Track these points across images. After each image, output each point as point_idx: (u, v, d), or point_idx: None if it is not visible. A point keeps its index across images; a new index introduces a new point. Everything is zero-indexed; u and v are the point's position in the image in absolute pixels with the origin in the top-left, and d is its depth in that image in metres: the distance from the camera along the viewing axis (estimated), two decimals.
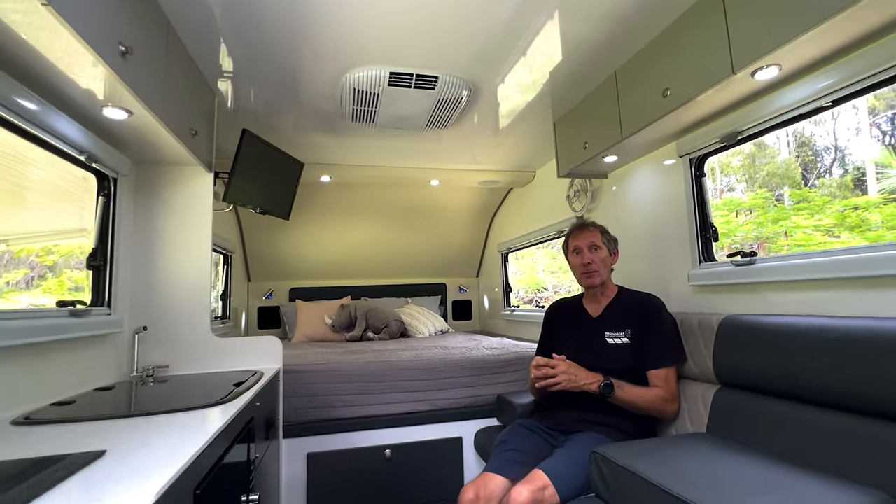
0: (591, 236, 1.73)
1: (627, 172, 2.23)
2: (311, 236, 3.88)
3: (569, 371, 1.54)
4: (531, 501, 1.26)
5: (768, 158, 6.08)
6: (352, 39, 1.63)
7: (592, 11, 1.51)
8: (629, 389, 1.53)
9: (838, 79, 1.25)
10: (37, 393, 1.22)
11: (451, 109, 2.07)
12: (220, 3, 1.43)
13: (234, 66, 1.81)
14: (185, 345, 1.80)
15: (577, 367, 1.57)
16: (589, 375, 1.54)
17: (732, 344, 1.43)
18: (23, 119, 1.18)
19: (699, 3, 1.42)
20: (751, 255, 1.58)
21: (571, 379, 1.54)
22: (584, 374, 1.55)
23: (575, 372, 1.55)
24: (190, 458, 0.76)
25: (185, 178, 1.88)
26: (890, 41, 1.14)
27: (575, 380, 1.54)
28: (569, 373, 1.54)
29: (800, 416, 1.20)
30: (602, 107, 1.95)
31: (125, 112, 1.33)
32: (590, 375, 1.54)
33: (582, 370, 1.56)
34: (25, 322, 1.16)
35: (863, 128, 5.13)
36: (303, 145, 2.62)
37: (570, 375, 1.54)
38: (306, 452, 1.92)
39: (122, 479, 0.67)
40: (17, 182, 1.48)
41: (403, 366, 2.14)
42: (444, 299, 4.47)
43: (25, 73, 1.11)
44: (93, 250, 1.59)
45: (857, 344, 1.09)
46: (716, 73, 1.36)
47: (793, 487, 0.98)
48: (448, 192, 3.73)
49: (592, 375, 1.54)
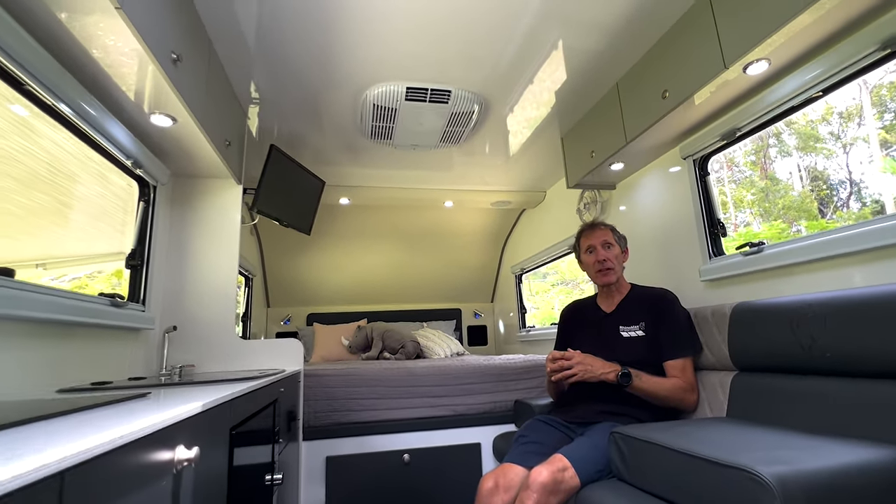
0: (602, 234, 1.79)
1: (635, 181, 2.32)
2: (328, 261, 3.99)
3: (584, 361, 1.56)
4: (551, 481, 1.26)
5: (783, 192, 6.12)
6: (371, 59, 1.80)
7: (592, 25, 1.65)
8: (647, 378, 1.53)
9: (825, 68, 1.34)
10: (79, 372, 1.30)
11: (463, 123, 2.20)
12: (254, 31, 1.62)
13: (261, 91, 1.99)
14: (211, 345, 1.87)
15: (593, 357, 1.58)
16: (606, 365, 1.55)
17: (746, 328, 1.45)
18: (86, 122, 1.33)
19: (691, 9, 1.55)
20: (759, 244, 1.62)
21: (587, 369, 1.54)
22: (600, 364, 1.56)
23: (591, 362, 1.56)
24: (227, 397, 0.82)
25: (217, 189, 2.02)
26: (866, 32, 1.24)
27: (591, 370, 1.54)
28: (584, 363, 1.55)
29: (816, 388, 1.21)
30: (606, 116, 2.07)
31: (170, 119, 1.48)
32: (606, 365, 1.55)
33: (598, 360, 1.57)
34: (75, 302, 1.25)
35: (876, 160, 5.18)
36: (323, 169, 2.78)
37: (586, 366, 1.55)
38: (325, 455, 1.93)
39: (168, 405, 0.74)
40: (61, 199, 1.62)
41: (421, 371, 2.17)
42: (459, 324, 4.48)
43: (90, 79, 1.26)
44: (132, 251, 1.70)
45: (865, 309, 1.11)
46: (709, 69, 1.47)
47: (811, 447, 0.99)
48: (462, 214, 3.85)
49: (609, 365, 1.55)
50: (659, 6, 1.57)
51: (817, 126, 5.58)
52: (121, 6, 0.99)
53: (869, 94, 4.98)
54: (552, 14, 1.59)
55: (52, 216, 1.52)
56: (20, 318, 1.05)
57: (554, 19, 1.62)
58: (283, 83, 1.94)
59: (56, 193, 1.52)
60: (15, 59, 1.04)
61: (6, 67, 1.04)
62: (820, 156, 5.61)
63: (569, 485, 1.28)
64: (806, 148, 5.77)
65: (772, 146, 6.41)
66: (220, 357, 1.87)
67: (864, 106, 5.11)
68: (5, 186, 1.30)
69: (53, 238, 1.54)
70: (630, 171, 2.28)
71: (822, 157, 5.64)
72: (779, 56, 1.38)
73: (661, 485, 1.11)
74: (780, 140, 6.09)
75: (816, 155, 5.64)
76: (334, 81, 1.95)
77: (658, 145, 1.99)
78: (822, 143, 5.47)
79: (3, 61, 1.02)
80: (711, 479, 0.94)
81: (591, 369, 1.55)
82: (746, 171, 6.46)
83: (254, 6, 1.52)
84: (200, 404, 0.67)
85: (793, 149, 6.01)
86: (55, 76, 1.16)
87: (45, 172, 1.46)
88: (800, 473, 0.85)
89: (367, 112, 2.10)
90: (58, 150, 1.44)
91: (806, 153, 5.76)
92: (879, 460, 0.89)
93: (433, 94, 1.97)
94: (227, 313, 1.94)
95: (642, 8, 1.57)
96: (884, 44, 1.20)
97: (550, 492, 1.25)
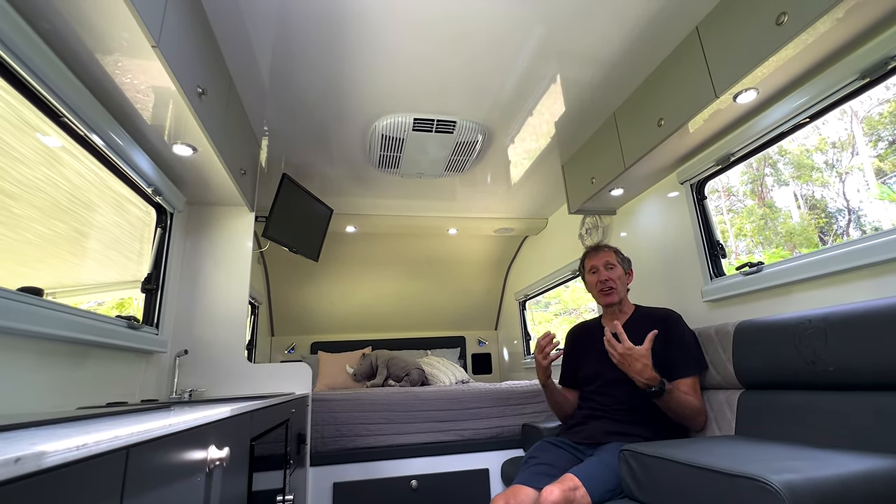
0: (605, 256, 1.83)
1: (635, 206, 2.39)
2: (333, 289, 4.03)
3: (630, 353, 1.47)
4: (563, 500, 1.26)
5: (782, 219, 6.20)
6: (379, 92, 1.90)
7: (589, 58, 1.76)
8: (678, 395, 1.49)
9: (810, 96, 1.42)
10: (92, 393, 1.32)
11: (467, 153, 2.29)
12: (268, 67, 1.73)
13: (273, 123, 2.09)
14: (221, 369, 1.89)
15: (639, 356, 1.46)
16: (646, 369, 1.46)
17: (750, 346, 1.48)
18: (113, 152, 1.40)
19: (682, 42, 1.66)
20: (758, 264, 1.66)
21: (627, 357, 1.47)
22: (641, 365, 1.46)
23: (632, 362, 1.47)
24: (249, 406, 0.85)
25: (230, 217, 2.09)
26: (846, 62, 1.32)
27: (631, 361, 1.47)
28: (627, 355, 1.47)
29: (822, 402, 1.22)
30: (605, 143, 2.16)
31: (191, 149, 1.56)
32: (647, 369, 1.46)
33: (642, 362, 1.46)
34: (93, 322, 1.29)
35: (871, 188, 5.29)
36: (331, 198, 2.86)
37: (627, 358, 1.47)
38: (332, 482, 1.91)
39: (195, 411, 0.77)
40: (78, 228, 1.68)
41: (428, 396, 2.17)
42: (464, 352, 4.47)
43: (119, 110, 1.35)
44: (148, 275, 1.75)
45: (863, 323, 1.15)
46: (701, 98, 1.56)
47: (819, 457, 1.00)
48: (465, 242, 3.91)
49: (651, 373, 1.46)
50: (652, 40, 1.67)
51: (812, 155, 5.72)
52: (157, 45, 1.08)
53: (860, 124, 5.14)
54: (551, 48, 1.70)
55: (68, 245, 1.58)
56: (42, 336, 1.09)
57: (553, 53, 1.72)
58: (294, 116, 2.05)
59: (74, 223, 1.58)
60: (55, 92, 1.12)
61: (46, 100, 1.12)
62: (817, 185, 5.72)
63: (581, 503, 1.28)
64: (802, 177, 5.89)
65: (768, 175, 6.55)
66: (230, 381, 1.89)
67: (857, 136, 5.26)
68: (27, 216, 1.36)
69: (67, 267, 1.58)
70: (629, 196, 2.35)
71: (818, 187, 5.75)
72: (766, 85, 1.46)
73: (671, 500, 1.11)
74: (776, 170, 6.23)
75: (813, 184, 5.76)
76: (343, 114, 2.05)
77: (656, 171, 2.07)
78: (818, 171, 5.59)
79: (46, 95, 1.10)
80: (721, 490, 0.95)
81: (631, 360, 1.47)
82: (746, 201, 6.56)
83: (269, 42, 1.62)
84: (229, 409, 0.70)
85: (789, 178, 6.13)
86: (89, 108, 1.25)
87: (65, 202, 1.52)
88: (809, 481, 0.86)
89: (375, 142, 2.19)
90: (80, 179, 1.51)
91: (803, 182, 5.88)
92: (886, 468, 0.91)
93: (439, 124, 2.06)
94: (237, 338, 1.97)
95: (637, 41, 1.68)
96: (862, 73, 1.28)
97: None
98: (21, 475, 0.27)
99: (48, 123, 1.22)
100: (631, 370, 1.47)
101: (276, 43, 1.62)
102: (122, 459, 0.39)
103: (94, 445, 0.34)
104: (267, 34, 1.59)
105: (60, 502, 0.32)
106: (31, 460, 0.28)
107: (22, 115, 1.21)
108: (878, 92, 1.33)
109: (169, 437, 0.49)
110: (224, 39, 1.59)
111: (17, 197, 1.30)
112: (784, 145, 5.03)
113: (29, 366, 1.08)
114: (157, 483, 0.47)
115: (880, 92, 3.63)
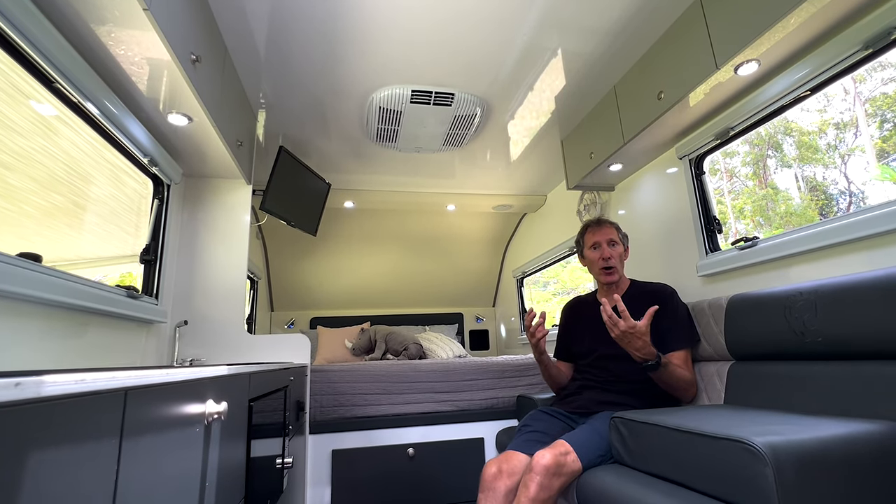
0: (608, 232, 1.81)
1: (633, 182, 2.38)
2: (332, 265, 4.05)
3: (635, 331, 1.43)
4: (554, 464, 1.30)
5: (782, 201, 6.19)
6: (377, 64, 1.87)
7: (590, 30, 1.73)
8: (672, 368, 1.50)
9: (812, 68, 1.41)
10: (96, 361, 1.34)
11: (465, 126, 2.27)
12: (264, 36, 1.70)
13: (269, 96, 2.06)
14: (220, 340, 1.92)
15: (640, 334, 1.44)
16: (646, 345, 1.44)
17: (741, 319, 1.50)
18: (108, 120, 1.39)
19: (684, 13, 1.63)
20: (753, 238, 1.67)
21: (627, 333, 1.43)
22: (640, 342, 1.44)
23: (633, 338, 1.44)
24: (247, 368, 0.87)
25: (227, 189, 2.09)
26: (849, 33, 1.30)
27: (631, 338, 1.44)
28: (627, 330, 1.43)
29: (809, 372, 1.25)
30: (604, 118, 2.14)
31: (186, 118, 1.55)
32: (647, 345, 1.44)
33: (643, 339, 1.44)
34: (94, 290, 1.31)
35: (872, 168, 5.27)
36: (328, 173, 2.85)
37: (627, 335, 1.44)
38: (331, 449, 1.96)
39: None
40: (76, 201, 1.68)
41: (425, 368, 2.21)
42: (462, 329, 4.52)
43: (113, 78, 1.33)
44: (146, 246, 1.76)
45: (852, 294, 1.16)
46: (702, 70, 1.54)
47: (803, 422, 1.03)
48: (464, 219, 3.91)
49: (649, 349, 1.45)
50: (654, 11, 1.64)
51: (816, 138, 5.69)
52: (148, 7, 1.06)
53: (864, 105, 5.08)
54: (552, 19, 1.66)
55: (66, 217, 1.58)
56: (43, 301, 1.10)
57: (554, 24, 1.69)
58: (291, 88, 2.02)
59: (71, 195, 1.58)
60: (49, 59, 1.11)
61: (39, 66, 1.11)
62: (819, 166, 5.70)
63: (571, 468, 1.32)
64: (804, 158, 5.87)
65: (770, 156, 6.51)
66: (229, 351, 1.92)
67: (859, 117, 5.21)
68: (25, 188, 1.36)
69: (65, 239, 1.58)
70: (628, 172, 2.34)
71: (820, 167, 5.73)
72: (768, 57, 1.44)
73: (659, 464, 1.14)
74: (778, 150, 6.19)
75: (815, 166, 5.73)
76: (341, 86, 2.02)
77: (655, 146, 2.06)
78: (820, 153, 5.56)
79: (39, 60, 1.09)
80: (707, 453, 0.99)
81: (632, 340, 1.44)
82: (747, 182, 6.54)
83: (265, 12, 1.59)
84: (226, 366, 0.72)
85: (791, 159, 6.10)
86: (83, 76, 1.23)
87: (62, 173, 1.52)
88: (790, 443, 0.89)
89: (372, 114, 2.17)
90: (76, 150, 1.50)
91: (804, 164, 5.85)
92: (866, 432, 0.94)
93: (437, 96, 2.04)
94: (237, 309, 1.99)
95: (638, 12, 1.65)
96: (866, 44, 1.27)
97: (553, 474, 1.28)
98: (21, 399, 0.29)
99: (41, 91, 1.21)
100: (630, 346, 1.46)
101: (272, 9, 1.59)
102: (121, 400, 0.41)
103: (92, 382, 0.36)
104: (262, 2, 1.55)
105: (60, 432, 0.33)
106: (30, 386, 0.29)
107: (14, 82, 1.19)
108: (886, 73, 1.31)
109: (167, 385, 0.50)
110: (218, 7, 1.56)
111: (13, 167, 1.30)
112: (788, 120, 5.02)
113: (30, 333, 1.10)
114: (156, 428, 0.49)
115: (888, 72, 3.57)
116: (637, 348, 1.46)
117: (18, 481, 0.29)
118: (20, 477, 0.29)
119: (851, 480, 0.88)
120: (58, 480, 0.33)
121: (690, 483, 1.03)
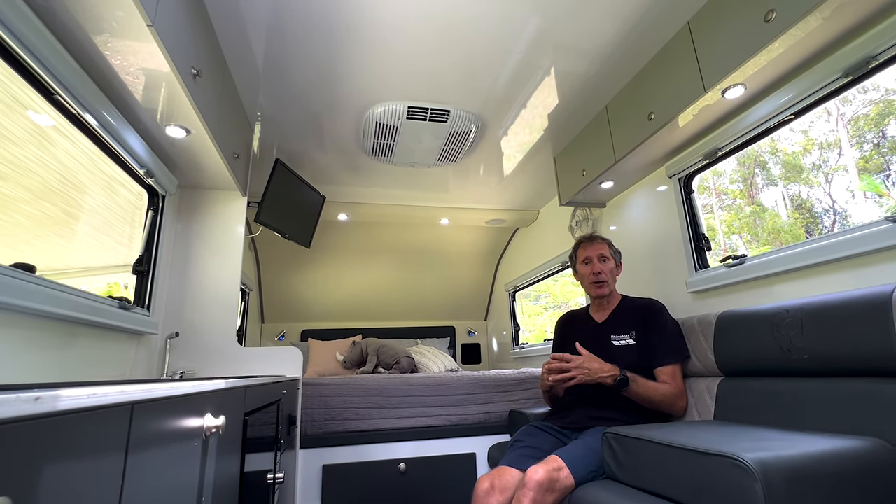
0: (600, 247, 1.86)
1: (624, 199, 2.42)
2: (324, 277, 4.03)
3: (582, 366, 1.58)
4: (547, 479, 1.30)
5: (769, 217, 6.36)
6: (375, 80, 1.90)
7: (583, 51, 1.78)
8: (643, 383, 1.57)
9: (796, 93, 1.46)
10: (85, 372, 1.33)
11: (460, 142, 2.31)
12: (262, 53, 1.73)
13: (266, 109, 2.08)
14: (212, 352, 1.90)
15: (591, 359, 1.60)
16: (604, 366, 1.57)
17: (730, 335, 1.53)
18: (106, 132, 1.40)
19: (674, 36, 1.68)
20: (741, 256, 1.71)
21: (586, 373, 1.57)
22: (598, 365, 1.58)
23: (588, 366, 1.58)
24: (243, 381, 0.87)
25: (222, 201, 2.09)
26: (830, 61, 1.36)
27: (590, 373, 1.57)
28: (582, 368, 1.57)
29: (796, 389, 1.27)
30: (596, 136, 2.19)
31: (184, 131, 1.56)
32: (605, 366, 1.57)
33: (596, 361, 1.59)
34: (86, 301, 1.30)
35: (855, 185, 5.44)
36: (323, 186, 2.86)
37: (583, 370, 1.57)
38: (322, 464, 1.94)
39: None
40: (68, 210, 1.67)
41: (417, 382, 2.20)
42: (453, 342, 4.51)
43: (112, 90, 1.34)
44: (139, 257, 1.75)
45: (836, 313, 1.19)
46: (691, 93, 1.59)
47: (791, 438, 1.05)
48: (457, 233, 3.93)
49: (608, 367, 1.57)
50: (645, 34, 1.70)
51: (800, 157, 5.84)
52: (152, 23, 1.08)
53: (846, 126, 5.25)
54: (546, 40, 1.71)
55: (58, 227, 1.57)
56: (34, 312, 1.09)
57: (548, 45, 1.74)
58: (288, 101, 2.04)
59: (64, 204, 1.57)
60: (50, 70, 1.12)
61: (40, 77, 1.12)
62: (804, 186, 5.86)
63: (563, 484, 1.32)
64: (790, 178, 6.02)
65: (757, 174, 6.67)
66: (221, 364, 1.90)
67: (843, 138, 5.38)
68: (17, 197, 1.35)
69: (56, 250, 1.57)
70: (619, 189, 2.39)
71: (805, 187, 5.90)
72: (753, 81, 1.50)
73: (650, 479, 1.15)
74: (765, 168, 6.34)
75: (801, 185, 5.89)
76: (338, 101, 2.05)
77: (645, 164, 2.11)
78: (805, 172, 5.71)
79: (39, 71, 1.10)
80: (698, 468, 1.00)
81: (590, 372, 1.57)
82: (737, 201, 6.67)
83: (264, 27, 1.62)
84: (223, 380, 0.72)
85: (777, 178, 6.25)
86: (83, 87, 1.24)
87: (55, 183, 1.51)
88: (779, 459, 0.91)
89: (369, 129, 2.19)
90: (71, 161, 1.49)
91: (790, 182, 6.01)
92: (852, 448, 0.96)
93: (433, 113, 2.07)
94: (229, 322, 1.98)
95: (630, 35, 1.70)
96: (846, 72, 1.32)
97: (546, 490, 1.29)
98: (40, 413, 0.29)
99: (39, 102, 1.21)
100: (593, 375, 1.56)
101: (271, 25, 1.62)
102: (128, 414, 0.41)
103: (102, 396, 0.36)
104: (261, 15, 1.58)
105: (73, 446, 0.34)
106: (48, 400, 0.30)
107: (12, 92, 1.20)
108: (868, 95, 1.37)
109: (171, 399, 0.51)
110: (218, 22, 1.59)
111: (6, 177, 1.30)
112: (774, 139, 5.16)
113: (20, 344, 1.08)
114: (158, 441, 0.49)
115: (869, 95, 3.70)
116: (597, 370, 1.56)
117: (32, 497, 0.30)
118: (35, 492, 0.30)
119: (838, 496, 0.90)
120: (66, 495, 0.34)
121: (681, 498, 1.04)
